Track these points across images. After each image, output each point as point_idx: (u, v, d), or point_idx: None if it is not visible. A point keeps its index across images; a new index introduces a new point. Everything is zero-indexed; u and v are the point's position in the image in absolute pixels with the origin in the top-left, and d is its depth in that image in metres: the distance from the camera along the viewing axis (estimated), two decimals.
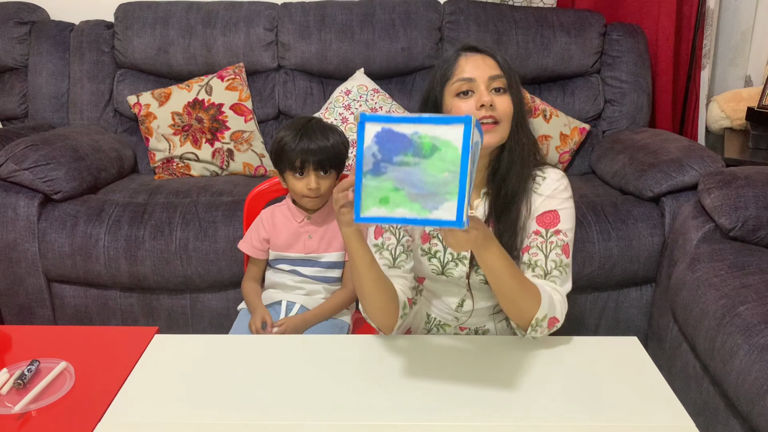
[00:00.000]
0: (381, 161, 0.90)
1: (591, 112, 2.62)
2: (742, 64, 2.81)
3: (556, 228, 1.23)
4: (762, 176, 1.78)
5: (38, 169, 2.05)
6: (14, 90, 2.64)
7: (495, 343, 1.21)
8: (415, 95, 2.59)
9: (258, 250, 1.64)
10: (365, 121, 0.90)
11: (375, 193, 0.91)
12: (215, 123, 2.46)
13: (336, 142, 1.56)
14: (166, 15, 2.56)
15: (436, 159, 0.88)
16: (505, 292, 1.15)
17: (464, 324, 1.36)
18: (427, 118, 0.88)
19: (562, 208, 1.25)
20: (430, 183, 0.89)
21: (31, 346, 1.20)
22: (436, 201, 0.89)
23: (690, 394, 1.65)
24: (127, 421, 1.01)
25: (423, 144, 0.88)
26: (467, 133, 0.87)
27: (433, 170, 0.88)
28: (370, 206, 0.92)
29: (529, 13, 2.59)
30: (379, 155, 0.90)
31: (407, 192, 0.90)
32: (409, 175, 0.89)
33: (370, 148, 0.90)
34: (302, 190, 1.55)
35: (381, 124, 0.90)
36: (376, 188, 0.91)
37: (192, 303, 2.15)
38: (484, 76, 1.20)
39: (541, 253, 1.23)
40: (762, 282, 1.52)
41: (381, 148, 0.90)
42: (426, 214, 0.90)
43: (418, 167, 0.89)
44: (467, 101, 1.20)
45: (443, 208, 0.89)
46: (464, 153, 0.87)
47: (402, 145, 0.89)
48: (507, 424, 0.99)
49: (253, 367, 1.14)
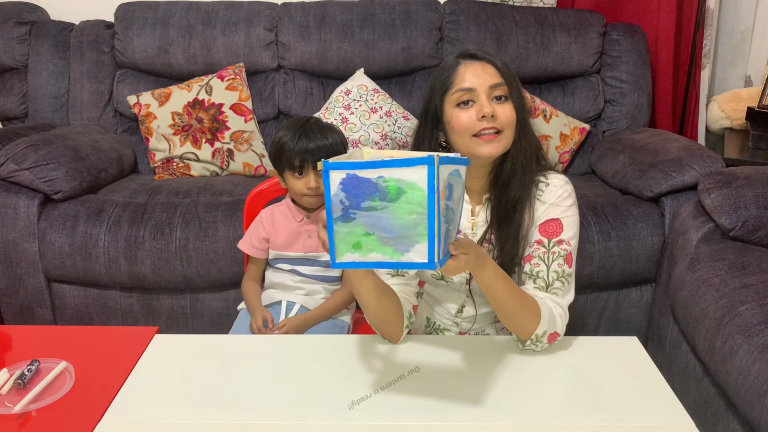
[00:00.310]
0: (349, 208, 0.88)
1: (591, 112, 2.62)
2: (742, 64, 2.81)
3: (559, 238, 1.22)
4: (762, 176, 1.78)
5: (38, 169, 2.05)
6: (14, 90, 2.64)
7: (495, 344, 1.21)
8: (415, 95, 2.59)
9: (258, 249, 1.65)
10: (329, 169, 0.88)
11: (347, 239, 0.90)
12: (215, 123, 2.46)
13: (335, 141, 1.57)
14: (166, 15, 2.56)
15: (403, 202, 0.87)
16: (503, 308, 1.14)
17: (464, 330, 1.36)
18: (390, 162, 0.86)
19: (565, 216, 1.23)
20: (399, 226, 0.88)
21: (31, 346, 1.20)
22: (407, 244, 0.88)
23: (690, 394, 1.65)
24: (127, 421, 1.01)
25: (388, 188, 0.87)
26: (431, 173, 0.85)
27: (400, 213, 0.87)
28: (344, 252, 0.91)
29: (529, 13, 2.59)
30: (347, 202, 0.88)
31: (378, 236, 0.89)
32: (378, 219, 0.88)
33: (337, 195, 0.89)
34: (302, 189, 1.56)
35: (345, 171, 0.88)
36: (348, 234, 0.90)
37: (192, 303, 2.15)
38: (485, 86, 1.18)
39: (543, 264, 1.21)
40: (762, 282, 1.52)
41: (348, 195, 0.88)
42: (399, 257, 0.89)
43: (386, 211, 0.87)
44: (468, 111, 1.18)
45: (414, 251, 0.88)
46: (430, 194, 0.85)
47: (368, 190, 0.87)
48: (507, 424, 0.99)
49: (253, 367, 1.14)
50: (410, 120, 2.46)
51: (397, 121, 2.44)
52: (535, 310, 1.14)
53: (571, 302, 1.23)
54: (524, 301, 1.15)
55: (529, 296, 1.17)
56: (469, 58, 1.21)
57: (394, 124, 2.43)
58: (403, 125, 2.44)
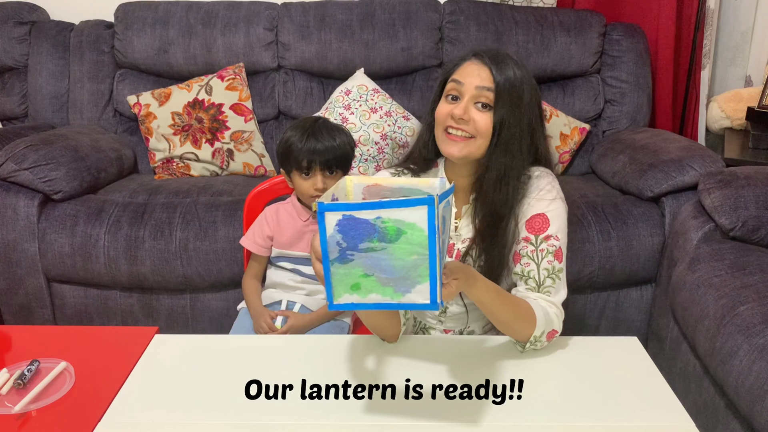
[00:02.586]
0: (347, 249, 0.86)
1: (591, 112, 2.62)
2: (742, 64, 2.81)
3: (546, 233, 1.20)
4: (762, 176, 1.78)
5: (38, 169, 2.05)
6: (14, 90, 2.64)
7: (495, 344, 1.21)
8: (415, 95, 2.59)
9: (261, 247, 1.64)
10: (324, 211, 0.86)
11: (345, 280, 0.88)
12: (215, 123, 2.46)
13: (342, 142, 1.56)
14: (166, 15, 2.56)
15: (403, 243, 0.84)
16: (498, 319, 1.14)
17: (448, 328, 1.36)
18: (389, 203, 0.84)
19: (550, 210, 1.22)
20: (399, 267, 0.86)
21: (31, 346, 1.20)
22: (407, 285, 0.86)
23: (690, 394, 1.65)
24: (127, 421, 1.01)
25: (387, 229, 0.85)
26: (431, 214, 0.83)
27: (400, 254, 0.85)
28: (342, 293, 0.89)
29: (529, 13, 2.59)
30: (344, 243, 0.86)
31: (377, 277, 0.87)
32: (377, 260, 0.86)
33: (333, 237, 0.86)
34: (309, 190, 1.55)
35: (341, 212, 0.85)
36: (346, 275, 0.87)
37: (192, 303, 2.15)
38: (472, 86, 1.17)
39: (532, 263, 1.20)
40: (762, 282, 1.52)
41: (345, 237, 0.86)
42: (399, 297, 0.87)
43: (386, 252, 0.85)
44: (450, 105, 1.18)
45: (416, 291, 0.86)
46: (431, 235, 0.84)
47: (366, 231, 0.85)
48: (507, 424, 0.99)
49: (253, 367, 1.14)
50: (410, 120, 2.46)
51: (397, 121, 2.45)
52: (530, 314, 1.14)
53: (564, 299, 1.22)
54: (518, 309, 1.14)
55: (522, 301, 1.16)
56: (475, 57, 1.21)
57: (394, 124, 2.43)
58: (403, 125, 2.44)
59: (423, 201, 0.83)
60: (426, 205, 0.83)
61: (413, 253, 0.85)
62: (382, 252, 0.85)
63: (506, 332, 1.16)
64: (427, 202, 0.83)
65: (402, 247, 0.85)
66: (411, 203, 0.83)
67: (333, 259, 0.87)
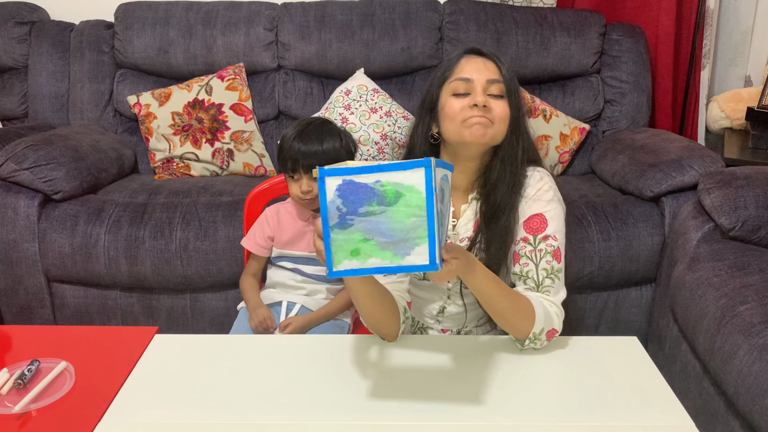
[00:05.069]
0: (346, 214, 0.89)
1: (591, 112, 2.62)
2: (742, 64, 2.81)
3: (545, 233, 1.21)
4: (762, 176, 1.78)
5: (38, 169, 2.05)
6: (14, 90, 2.64)
7: (495, 343, 1.21)
8: (415, 95, 2.59)
9: (261, 247, 1.64)
10: (324, 176, 0.88)
11: (345, 246, 0.90)
12: (215, 123, 2.46)
13: (332, 147, 1.54)
14: (166, 15, 2.56)
15: (402, 205, 0.87)
16: (496, 311, 1.14)
17: (446, 328, 1.36)
18: (387, 166, 0.87)
19: (548, 210, 1.22)
20: (398, 230, 0.88)
21: (31, 346, 1.20)
22: (407, 247, 0.88)
23: (690, 394, 1.65)
24: (127, 421, 1.01)
25: (386, 192, 0.88)
26: (429, 176, 0.86)
27: (399, 217, 0.88)
28: (341, 259, 0.90)
29: (529, 13, 2.59)
30: (344, 208, 0.89)
31: (377, 241, 0.89)
32: (377, 224, 0.88)
33: (334, 202, 0.89)
34: (296, 192, 1.55)
35: (341, 177, 0.88)
36: (345, 241, 0.90)
37: (192, 303, 2.15)
38: (483, 79, 1.19)
39: (531, 263, 1.20)
40: (762, 282, 1.52)
41: (345, 201, 0.88)
42: (399, 261, 0.89)
43: (385, 215, 0.88)
44: (462, 100, 1.19)
45: (415, 253, 0.88)
46: (428, 196, 0.86)
47: (365, 195, 0.88)
48: (507, 424, 0.99)
49: (253, 367, 1.14)
50: (410, 120, 2.46)
51: (397, 121, 2.45)
52: (529, 310, 1.14)
53: (564, 299, 1.22)
54: (517, 302, 1.14)
55: (521, 296, 1.16)
56: (473, 53, 1.23)
57: (394, 124, 2.44)
58: (403, 125, 2.44)
59: (420, 163, 0.87)
60: (423, 167, 0.86)
61: (412, 215, 0.87)
62: (382, 215, 0.88)
63: (505, 327, 1.16)
64: (425, 164, 0.86)
65: (401, 209, 0.88)
66: (409, 165, 0.87)
67: (333, 225, 0.90)
